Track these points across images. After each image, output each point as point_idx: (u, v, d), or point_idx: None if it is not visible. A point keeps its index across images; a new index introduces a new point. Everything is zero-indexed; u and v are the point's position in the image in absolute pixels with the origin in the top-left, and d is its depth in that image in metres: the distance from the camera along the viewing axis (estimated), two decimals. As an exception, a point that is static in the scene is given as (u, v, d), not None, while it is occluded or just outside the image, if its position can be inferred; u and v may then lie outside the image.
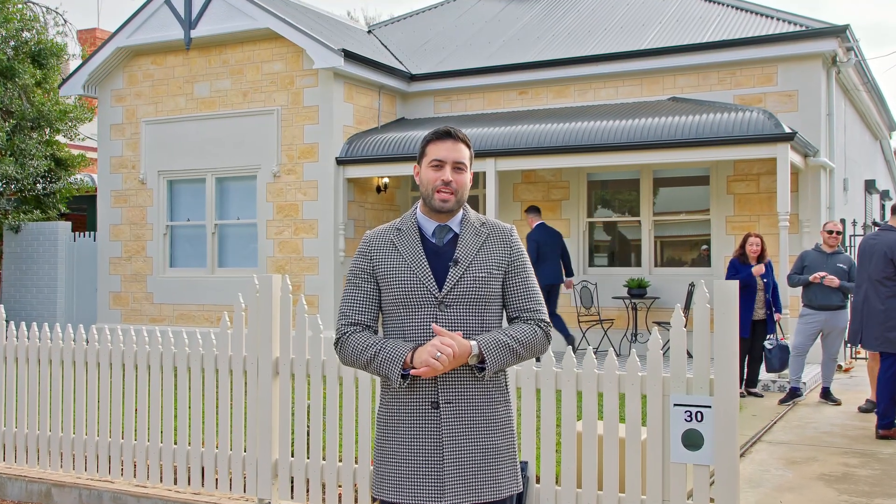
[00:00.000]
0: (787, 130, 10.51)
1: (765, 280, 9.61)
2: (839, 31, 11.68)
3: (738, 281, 4.44)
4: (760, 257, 9.61)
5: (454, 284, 2.97)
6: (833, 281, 8.87)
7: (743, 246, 9.65)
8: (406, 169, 12.72)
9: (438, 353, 2.82)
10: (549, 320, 3.10)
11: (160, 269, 14.15)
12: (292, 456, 5.41)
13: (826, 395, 9.28)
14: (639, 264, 13.03)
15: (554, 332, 5.59)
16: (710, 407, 4.32)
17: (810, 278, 8.96)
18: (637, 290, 12.24)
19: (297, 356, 5.36)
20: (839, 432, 7.82)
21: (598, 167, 12.80)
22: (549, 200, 13.47)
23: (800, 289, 9.33)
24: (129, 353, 5.87)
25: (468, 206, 3.16)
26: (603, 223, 13.47)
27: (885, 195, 20.36)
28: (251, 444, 5.42)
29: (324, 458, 5.38)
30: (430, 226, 3.07)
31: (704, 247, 12.75)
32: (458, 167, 3.02)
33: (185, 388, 5.75)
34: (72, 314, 15.69)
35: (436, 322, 2.94)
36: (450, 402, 2.94)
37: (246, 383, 5.49)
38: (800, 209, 11.87)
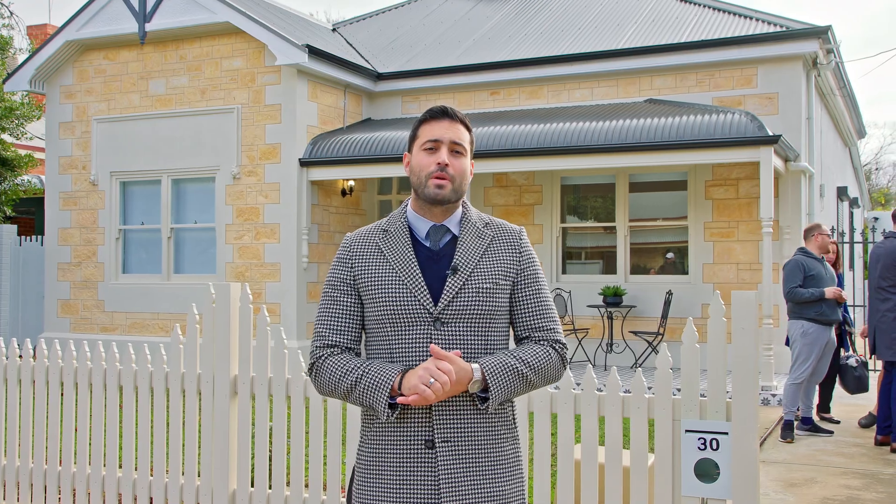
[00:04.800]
0: (771, 133, 10.14)
1: None
2: (820, 32, 11.35)
3: (756, 291, 3.95)
4: (835, 264, 8.51)
5: (452, 297, 2.43)
6: (843, 295, 7.79)
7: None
8: (373, 171, 12.18)
9: (432, 379, 2.28)
10: (564, 341, 2.58)
11: (112, 276, 13.43)
12: (252, 485, 4.84)
13: (813, 426, 8.05)
14: (614, 272, 12.58)
15: None
16: (726, 434, 3.83)
17: (831, 295, 7.55)
18: (613, 298, 11.78)
19: (257, 374, 4.78)
20: (834, 450, 7.41)
21: (572, 170, 12.36)
22: (521, 205, 12.99)
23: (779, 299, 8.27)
24: (69, 369, 5.26)
25: (469, 203, 2.63)
26: (577, 229, 13.02)
27: (854, 203, 20.21)
28: (206, 473, 4.83)
29: (288, 486, 4.81)
30: (423, 226, 2.53)
31: (669, 255, 12.34)
32: (455, 149, 2.50)
33: (131, 409, 5.14)
34: (17, 323, 14.88)
35: (431, 342, 2.41)
36: (447, 440, 2.41)
37: (200, 404, 4.91)
38: (780, 215, 11.52)
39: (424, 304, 2.42)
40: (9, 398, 5.44)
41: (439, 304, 2.42)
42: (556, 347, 2.54)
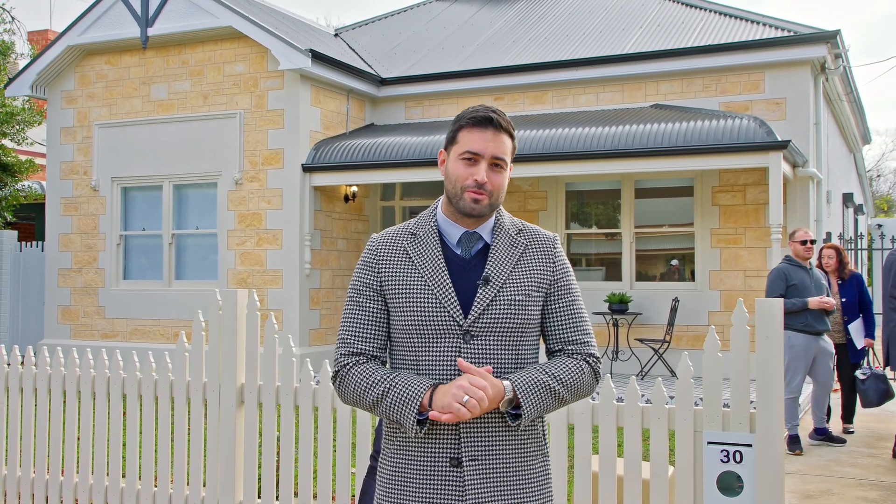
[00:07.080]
0: (779, 138, 10.05)
1: (843, 300, 8.28)
2: (829, 37, 11.26)
3: (783, 299, 3.84)
4: (840, 271, 8.35)
5: (484, 309, 2.31)
6: (832, 304, 7.58)
7: (818, 259, 8.49)
8: (376, 177, 12.08)
9: (466, 397, 2.16)
10: (598, 355, 2.46)
11: (113, 282, 13.31)
12: (259, 496, 4.72)
13: (827, 435, 7.91)
14: (619, 278, 12.46)
15: None
16: (750, 446, 3.72)
17: (815, 305, 7.40)
18: (618, 305, 11.67)
19: (265, 382, 4.66)
20: (848, 461, 7.29)
21: (577, 176, 12.26)
22: (525, 211, 12.88)
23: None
24: (72, 377, 5.14)
25: (503, 208, 2.50)
26: (582, 235, 12.91)
27: (859, 209, 20.12)
28: (211, 483, 4.72)
29: (296, 497, 4.69)
30: (454, 232, 2.41)
31: (674, 261, 12.23)
32: (496, 164, 2.35)
33: (134, 418, 5.02)
34: (17, 329, 14.74)
35: (460, 356, 2.29)
36: (475, 459, 2.29)
37: (206, 413, 4.79)
38: (787, 221, 11.40)
39: (454, 315, 2.31)
40: (10, 406, 5.32)
41: (469, 316, 2.31)
42: (590, 362, 2.42)
